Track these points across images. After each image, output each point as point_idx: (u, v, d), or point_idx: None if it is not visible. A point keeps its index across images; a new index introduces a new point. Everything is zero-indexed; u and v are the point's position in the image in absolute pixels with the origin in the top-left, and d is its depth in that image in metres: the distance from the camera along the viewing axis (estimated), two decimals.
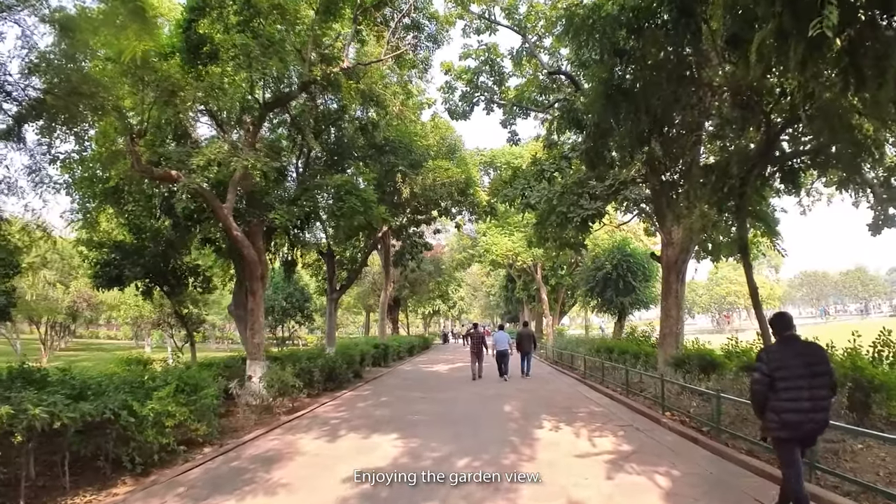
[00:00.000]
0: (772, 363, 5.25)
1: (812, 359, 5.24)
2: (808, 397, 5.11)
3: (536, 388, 17.21)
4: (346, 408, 13.85)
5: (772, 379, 5.19)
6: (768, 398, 5.25)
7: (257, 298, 15.60)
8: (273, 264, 20.47)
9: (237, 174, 15.17)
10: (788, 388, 5.14)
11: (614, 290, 30.04)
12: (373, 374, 22.85)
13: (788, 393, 5.14)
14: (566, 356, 26.41)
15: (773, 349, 5.47)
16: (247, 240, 15.08)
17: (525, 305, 47.46)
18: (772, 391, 5.21)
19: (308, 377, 15.73)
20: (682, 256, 16.91)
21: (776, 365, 5.21)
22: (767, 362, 5.27)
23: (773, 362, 5.25)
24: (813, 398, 5.12)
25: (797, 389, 5.12)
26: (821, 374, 5.19)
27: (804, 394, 5.11)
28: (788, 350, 5.33)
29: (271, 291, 34.71)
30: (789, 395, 5.14)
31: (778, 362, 5.23)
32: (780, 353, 5.34)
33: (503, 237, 35.55)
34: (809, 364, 5.19)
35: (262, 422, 12.31)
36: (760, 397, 5.31)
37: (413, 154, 21.11)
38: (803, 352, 5.31)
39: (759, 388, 5.31)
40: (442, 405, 13.79)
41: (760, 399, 5.32)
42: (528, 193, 17.42)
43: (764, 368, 5.26)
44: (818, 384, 5.16)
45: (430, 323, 78.65)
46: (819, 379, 5.17)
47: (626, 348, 19.61)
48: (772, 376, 5.19)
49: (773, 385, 5.19)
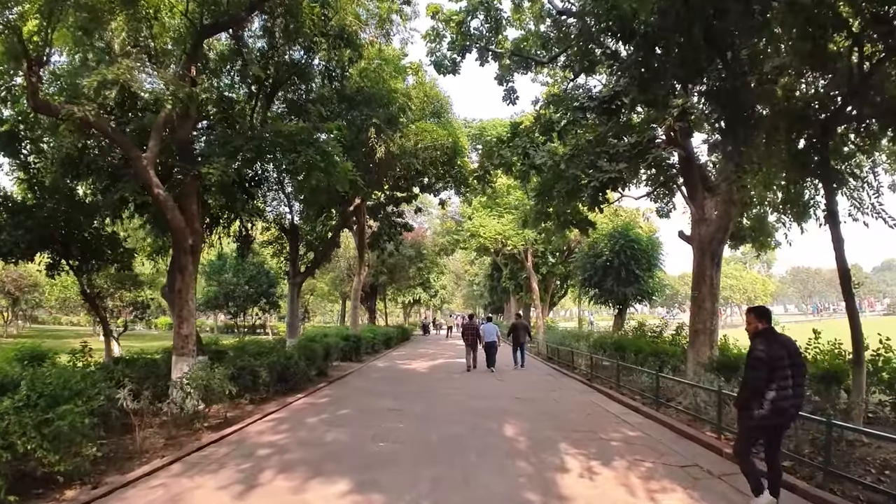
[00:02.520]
0: (770, 351, 5.48)
1: (791, 349, 5.60)
2: (792, 384, 5.47)
3: (540, 397, 13.86)
4: (291, 424, 10.32)
5: (770, 367, 5.43)
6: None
7: (186, 277, 12.17)
8: (222, 240, 16.92)
9: (162, 115, 11.77)
10: (781, 377, 5.44)
11: (615, 280, 26.89)
12: (341, 370, 19.46)
13: (781, 381, 5.43)
14: (563, 353, 23.18)
15: (764, 339, 5.64)
16: (170, 200, 11.65)
17: (512, 296, 44.28)
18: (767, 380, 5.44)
19: (252, 378, 12.39)
20: (717, 236, 13.82)
21: (772, 354, 5.46)
22: (767, 350, 5.48)
23: (770, 351, 5.48)
24: (795, 385, 5.51)
25: (785, 378, 5.45)
26: (798, 364, 5.61)
27: (789, 381, 5.46)
28: (774, 341, 5.61)
29: (231, 275, 31.06)
30: (781, 384, 5.42)
31: (772, 351, 5.48)
32: (770, 343, 5.56)
33: (491, 219, 32.23)
34: (790, 355, 5.55)
35: (175, 442, 8.99)
36: (761, 384, 5.45)
37: (391, 108, 17.56)
38: (784, 343, 5.62)
39: (760, 374, 5.45)
40: (419, 423, 10.36)
41: (761, 385, 5.45)
42: (533, 153, 14.12)
43: (764, 356, 5.46)
44: (798, 373, 5.55)
45: (410, 312, 75.00)
46: (798, 368, 5.57)
47: (641, 347, 16.48)
48: (771, 364, 5.43)
49: (770, 373, 5.43)
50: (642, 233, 29.05)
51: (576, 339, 26.71)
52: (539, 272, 35.82)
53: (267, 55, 15.05)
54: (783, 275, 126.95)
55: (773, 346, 5.48)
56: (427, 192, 26.48)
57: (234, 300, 31.52)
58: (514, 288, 41.79)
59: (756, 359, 5.49)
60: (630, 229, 28.01)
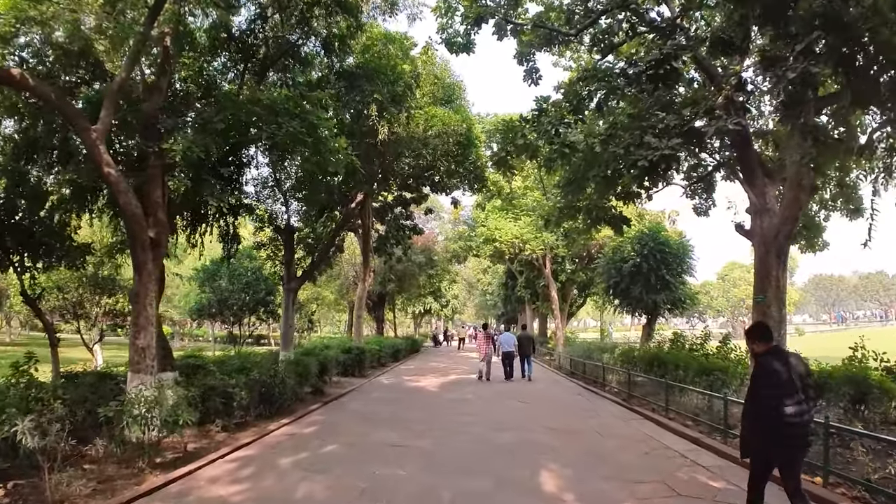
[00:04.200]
0: (778, 373, 5.07)
1: (799, 368, 5.16)
2: (797, 402, 4.98)
3: (576, 427, 11.35)
4: (257, 467, 7.90)
5: (779, 389, 5.01)
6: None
7: (143, 277, 10.00)
8: (204, 238, 14.73)
9: (117, 81, 9.69)
10: (787, 395, 4.98)
11: (644, 287, 24.51)
12: (340, 387, 17.17)
13: (789, 400, 4.96)
14: (589, 368, 20.77)
15: (771, 358, 5.24)
16: (123, 183, 9.53)
17: (527, 306, 41.82)
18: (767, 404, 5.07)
19: (223, 400, 10.19)
20: (784, 228, 11.60)
21: (779, 378, 5.04)
22: (772, 372, 5.10)
23: (777, 373, 5.08)
24: (802, 402, 5.00)
25: (794, 396, 4.99)
26: (809, 385, 5.17)
27: (796, 399, 4.98)
28: (780, 359, 5.20)
29: (225, 282, 28.83)
30: (791, 402, 4.95)
31: (779, 373, 5.06)
32: (776, 363, 5.16)
33: (507, 222, 29.91)
34: (800, 375, 5.11)
35: (108, 487, 6.83)
36: (758, 407, 5.14)
37: (396, 86, 15.28)
38: (790, 362, 5.20)
39: (770, 393, 5.05)
40: (427, 469, 7.89)
41: (756, 410, 5.16)
42: (564, 131, 11.87)
43: (773, 378, 5.08)
44: (807, 394, 5.09)
45: (420, 323, 72.46)
46: (808, 390, 5.12)
47: (687, 362, 14.13)
48: (779, 386, 5.02)
49: (779, 395, 4.99)
50: (670, 235, 26.67)
51: (600, 351, 24.40)
52: (558, 280, 33.43)
53: (254, 28, 13.08)
54: (805, 283, 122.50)
55: (779, 368, 5.08)
56: (438, 192, 24.22)
57: (229, 308, 29.30)
58: (529, 297, 39.37)
59: (760, 385, 5.21)
60: (660, 230, 25.69)
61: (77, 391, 8.71)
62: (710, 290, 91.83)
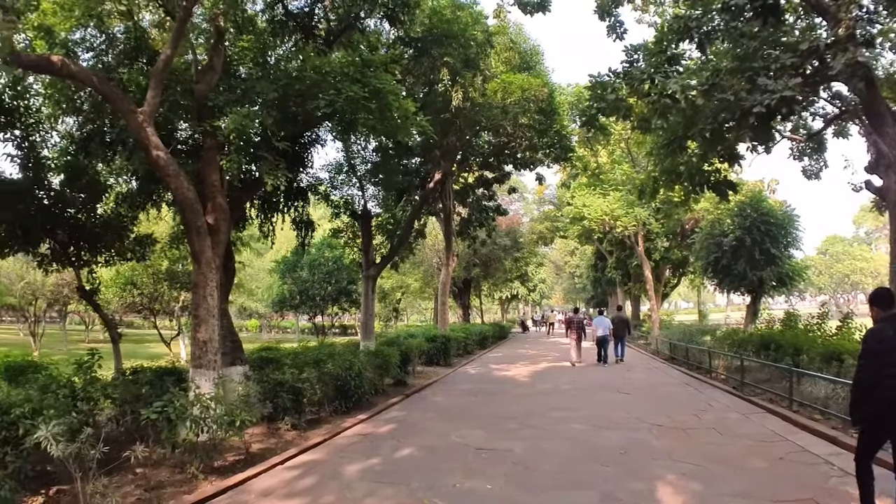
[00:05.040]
0: (884, 343, 4.56)
1: None
2: None
3: (690, 424, 9.68)
4: (319, 476, 6.83)
5: (880, 362, 4.49)
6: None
7: (202, 266, 9.29)
8: (275, 227, 14.07)
9: (162, 58, 8.97)
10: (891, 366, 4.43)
11: (747, 262, 22.27)
12: (423, 378, 16.22)
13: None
14: (692, 353, 18.81)
15: (878, 328, 4.74)
16: (173, 166, 8.81)
17: (619, 288, 39.56)
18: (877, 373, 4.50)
19: (292, 398, 9.36)
20: None
21: (887, 346, 4.51)
22: (881, 339, 4.59)
23: (884, 342, 4.55)
24: None
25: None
26: None
27: None
28: (892, 328, 4.59)
29: (306, 272, 28.60)
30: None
31: (885, 342, 4.54)
32: (884, 333, 4.62)
33: (596, 198, 27.98)
34: None
35: (155, 496, 6.14)
36: (867, 380, 4.60)
37: (468, 48, 13.96)
38: None
39: (866, 369, 4.62)
40: (518, 482, 6.48)
41: (866, 381, 4.61)
42: (661, 81, 10.23)
43: (870, 348, 4.64)
44: None
45: (507, 308, 70.96)
46: None
47: (809, 344, 12.22)
48: (881, 357, 4.50)
49: (880, 367, 4.48)
50: (773, 205, 24.06)
51: (701, 334, 22.35)
52: (651, 259, 31.19)
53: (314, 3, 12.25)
54: None
55: (887, 336, 4.53)
56: (521, 169, 22.80)
57: (311, 299, 29.09)
58: (621, 278, 37.18)
59: (863, 350, 4.73)
60: (762, 200, 23.26)
61: (130, 388, 8.05)
62: (810, 266, 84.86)
